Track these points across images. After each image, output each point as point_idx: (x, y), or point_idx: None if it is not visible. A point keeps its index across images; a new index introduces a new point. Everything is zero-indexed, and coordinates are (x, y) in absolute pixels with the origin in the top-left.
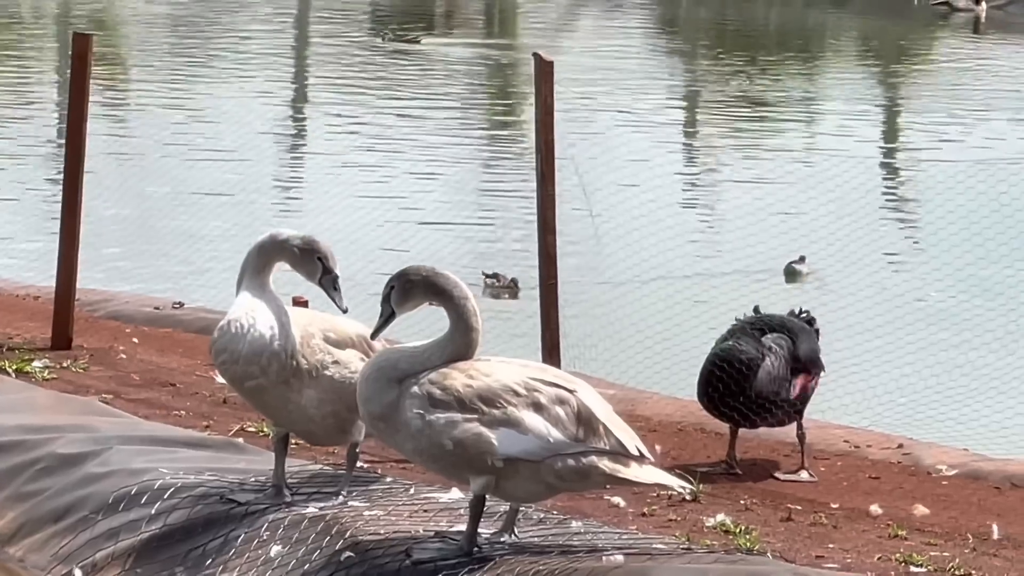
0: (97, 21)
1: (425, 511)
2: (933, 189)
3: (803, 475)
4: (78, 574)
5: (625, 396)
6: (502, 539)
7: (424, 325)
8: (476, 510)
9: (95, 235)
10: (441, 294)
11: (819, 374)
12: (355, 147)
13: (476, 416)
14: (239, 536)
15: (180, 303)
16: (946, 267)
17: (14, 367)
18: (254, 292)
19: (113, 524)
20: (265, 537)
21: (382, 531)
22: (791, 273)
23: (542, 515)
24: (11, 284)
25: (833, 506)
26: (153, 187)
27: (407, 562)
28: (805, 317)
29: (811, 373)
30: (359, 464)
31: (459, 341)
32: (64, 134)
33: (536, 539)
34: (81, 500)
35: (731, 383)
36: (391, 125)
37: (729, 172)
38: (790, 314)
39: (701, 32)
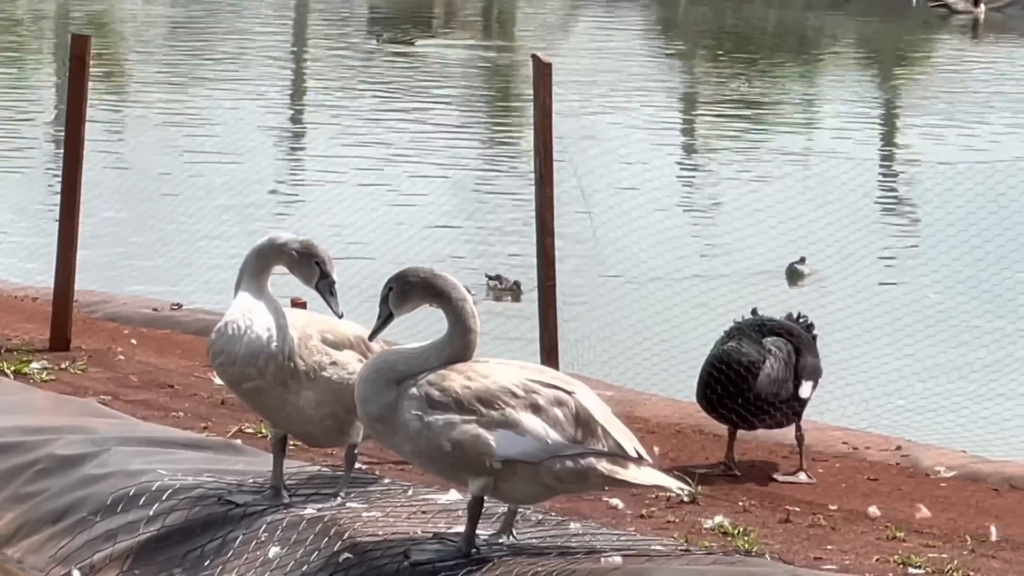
0: (96, 23)
1: (423, 512)
2: (932, 191)
3: (801, 477)
4: (76, 575)
5: (623, 398)
6: (500, 540)
7: (423, 327)
8: (474, 511)
9: (94, 236)
10: (439, 296)
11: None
12: (353, 149)
13: (474, 417)
14: (237, 537)
15: (178, 304)
16: (944, 269)
17: (12, 368)
18: (252, 294)
19: (111, 525)
20: (263, 538)
21: (380, 532)
22: (793, 274)
23: (540, 516)
24: (9, 285)
25: (831, 508)
26: (151, 188)
27: (405, 563)
28: (804, 323)
29: (817, 381)
30: (357, 465)
31: (457, 343)
32: (62, 135)
33: (534, 540)
34: (79, 501)
35: (729, 385)
36: (389, 127)
37: (727, 173)
38: (788, 318)
39: (700, 33)
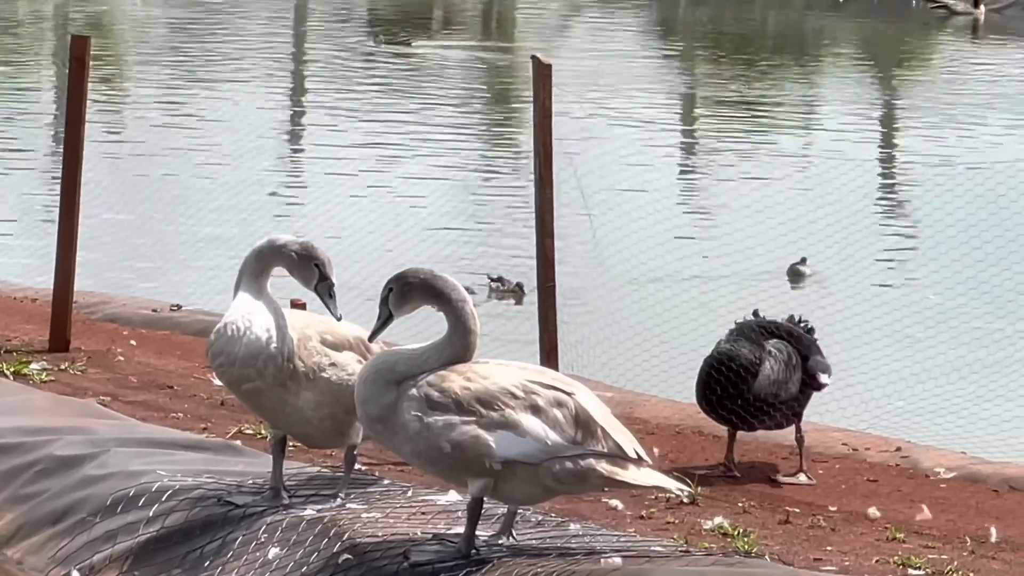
0: (95, 24)
1: (423, 513)
2: (931, 192)
3: (801, 478)
4: None
5: (623, 399)
6: (500, 541)
7: (422, 328)
8: (474, 512)
9: (93, 237)
10: (439, 297)
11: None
12: (352, 151)
13: (474, 418)
14: (237, 538)
15: (178, 305)
16: (944, 270)
17: (12, 369)
18: (251, 295)
19: (111, 526)
20: (263, 539)
21: (380, 533)
22: (795, 274)
23: (540, 517)
24: (9, 286)
25: (831, 509)
26: (151, 189)
27: (405, 564)
28: (805, 326)
29: (830, 372)
30: (357, 466)
31: (457, 344)
32: (62, 136)
33: (534, 541)
34: (79, 502)
35: (729, 386)
36: (389, 128)
37: (727, 175)
38: (789, 321)
39: (699, 35)
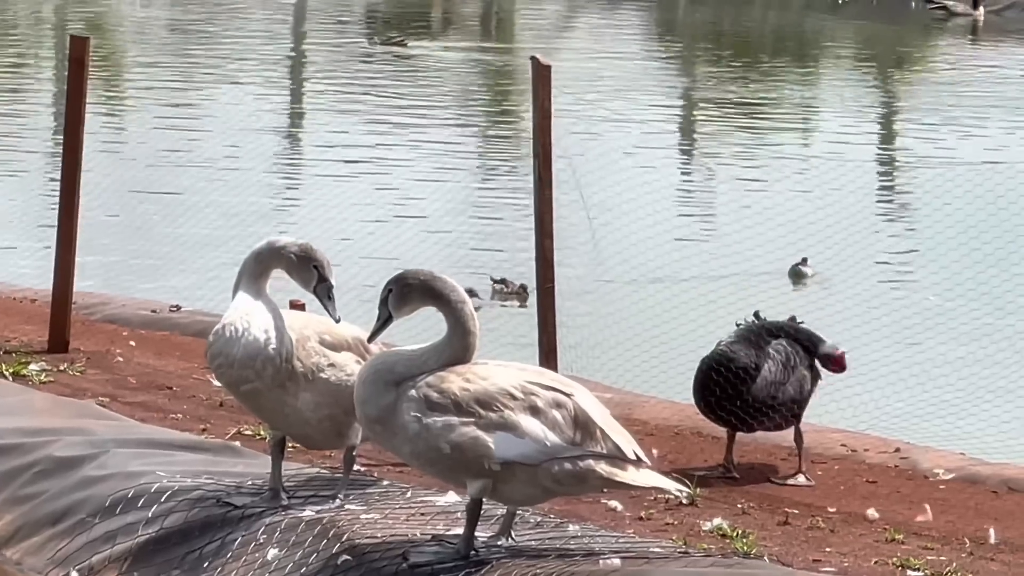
0: (94, 25)
1: (422, 514)
2: (931, 193)
3: (800, 479)
4: None
5: (622, 400)
6: (499, 543)
7: (421, 329)
8: (473, 513)
9: (92, 238)
10: (439, 298)
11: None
12: (352, 152)
13: (473, 420)
14: (236, 539)
15: (177, 306)
16: (944, 271)
17: (11, 370)
18: (250, 296)
19: (110, 527)
20: (262, 540)
21: (379, 534)
22: (797, 275)
23: (539, 519)
24: (8, 287)
25: (830, 510)
26: (150, 190)
27: (404, 565)
28: (805, 331)
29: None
30: (356, 467)
31: (456, 345)
32: (61, 137)
33: (533, 543)
34: (78, 503)
35: (728, 387)
36: (388, 130)
37: (726, 176)
38: (790, 321)
39: (698, 36)
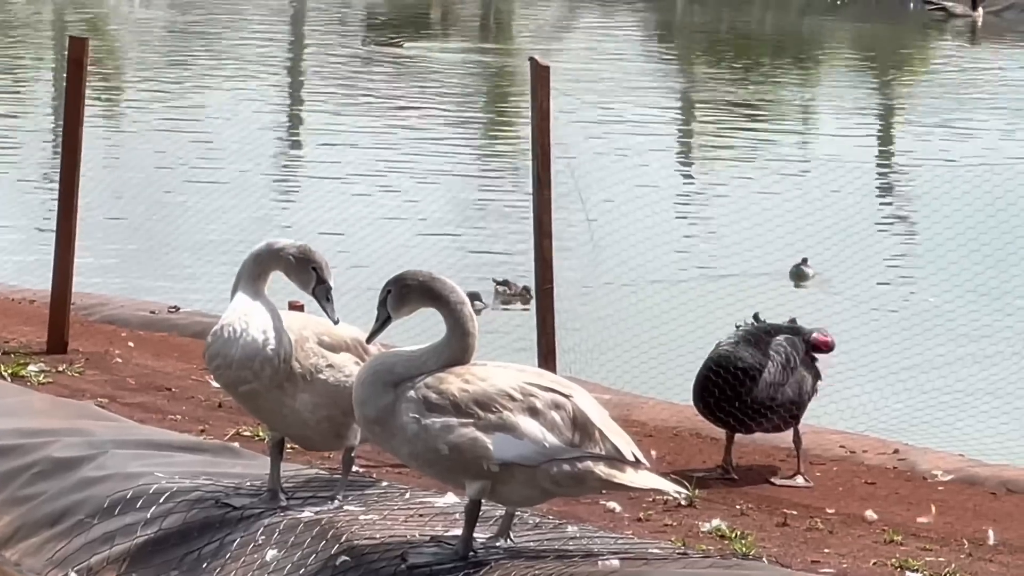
0: (93, 26)
1: (421, 515)
2: (930, 194)
3: (799, 480)
4: None
5: (621, 401)
6: (498, 544)
7: (420, 330)
8: (472, 514)
9: (91, 239)
10: (437, 299)
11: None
12: (351, 153)
13: (472, 421)
14: (235, 540)
15: (176, 307)
16: (942, 272)
17: (10, 371)
18: (248, 297)
19: (109, 528)
20: (261, 541)
21: (378, 535)
22: (798, 275)
23: (538, 520)
24: (7, 288)
25: (829, 511)
26: (149, 191)
27: (403, 566)
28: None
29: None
30: (355, 468)
31: (455, 346)
32: (60, 138)
33: (532, 544)
34: (77, 504)
35: (727, 388)
36: (387, 131)
37: (725, 177)
38: (791, 321)
39: (697, 37)
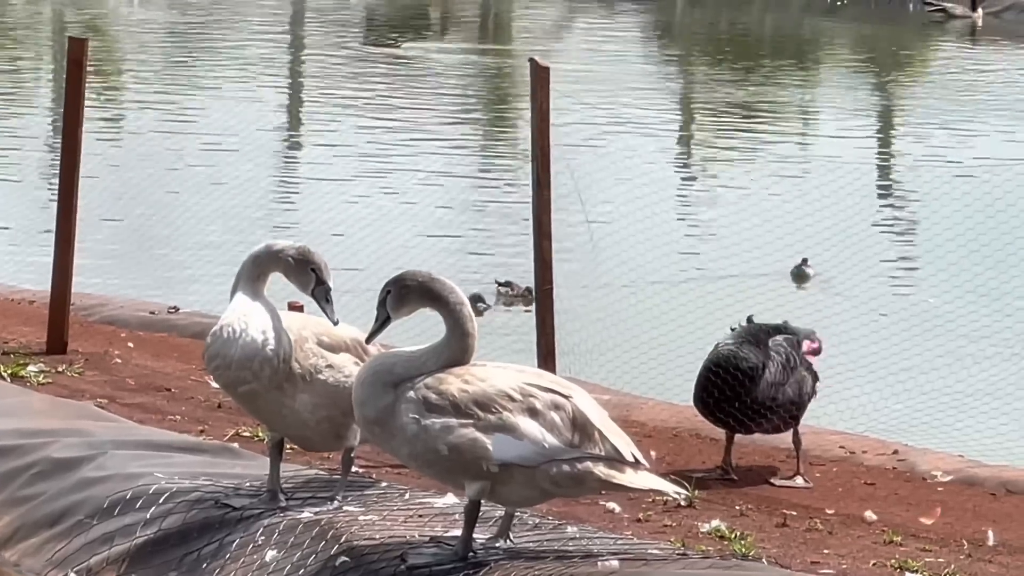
0: (92, 26)
1: (420, 516)
2: (930, 195)
3: (798, 481)
4: None
5: (620, 402)
6: (497, 544)
7: (420, 330)
8: (471, 515)
9: (90, 239)
10: (437, 299)
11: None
12: (350, 154)
13: (471, 421)
14: (234, 541)
15: (175, 308)
16: (942, 273)
17: (9, 371)
18: (248, 298)
19: (108, 528)
20: (260, 542)
21: (377, 536)
22: (800, 276)
23: (537, 520)
24: (6, 288)
25: (828, 512)
26: (148, 191)
27: (402, 567)
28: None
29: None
30: (354, 469)
31: (455, 346)
32: (60, 138)
33: (531, 544)
34: (76, 504)
35: (726, 388)
36: (386, 132)
37: (725, 178)
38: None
39: (696, 38)
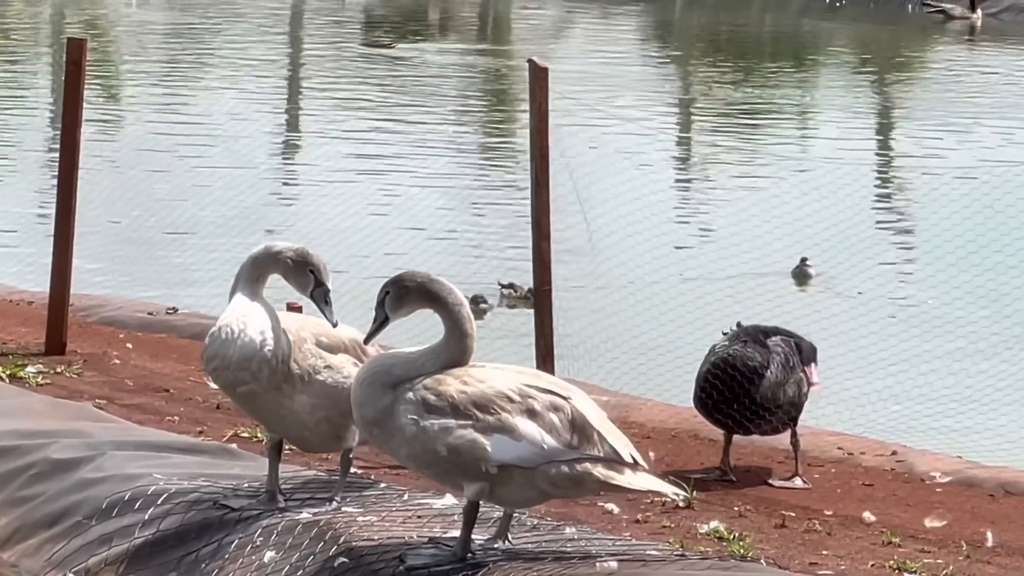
0: (91, 27)
1: (419, 517)
2: (929, 196)
3: (797, 482)
4: None
5: (619, 403)
6: (496, 545)
7: (419, 331)
8: (470, 516)
9: (89, 240)
10: (436, 300)
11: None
12: (349, 155)
13: (470, 422)
14: (233, 542)
15: (174, 308)
16: (940, 274)
17: (8, 372)
18: (246, 298)
19: (107, 529)
20: (259, 543)
21: (376, 537)
22: (802, 275)
23: (536, 521)
24: (5, 289)
25: (827, 513)
26: (147, 192)
27: (401, 568)
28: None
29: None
30: (353, 470)
31: (454, 347)
32: (58, 139)
33: (530, 545)
34: (75, 505)
35: (726, 390)
36: (385, 133)
37: (723, 178)
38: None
39: (695, 38)
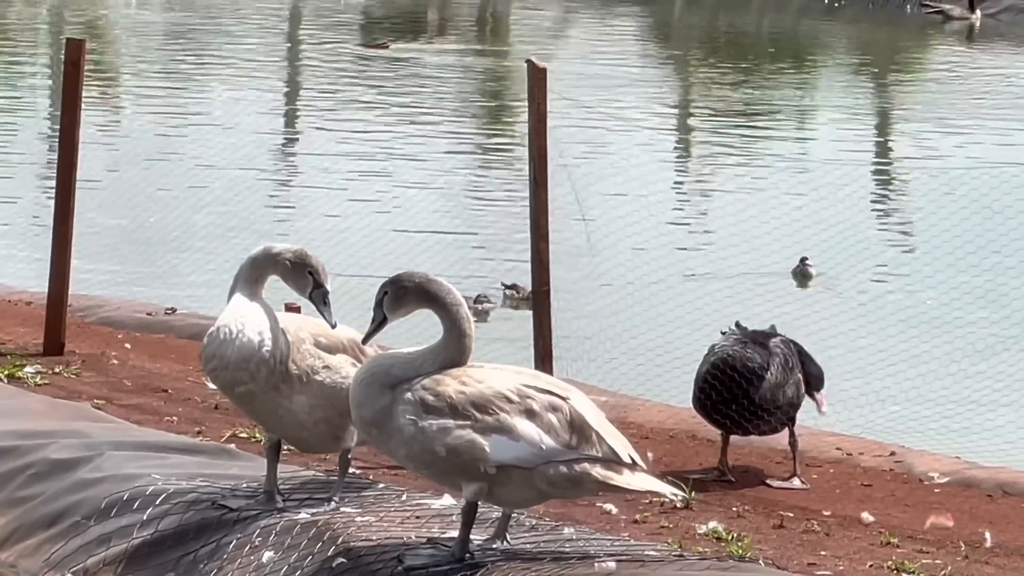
0: (90, 27)
1: (417, 517)
2: (927, 196)
3: (795, 482)
4: None
5: (617, 403)
6: (494, 545)
7: (419, 331)
8: (468, 516)
9: (87, 241)
10: (434, 301)
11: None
12: (347, 155)
13: (469, 423)
14: (231, 542)
15: (172, 309)
16: (939, 274)
17: (6, 373)
18: (245, 299)
19: (105, 530)
20: (257, 543)
21: (374, 537)
22: (803, 275)
23: (534, 522)
24: (3, 289)
25: (825, 513)
26: (146, 193)
27: (399, 568)
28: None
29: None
30: (351, 470)
31: (452, 348)
32: (57, 140)
33: (528, 546)
34: (73, 506)
35: (724, 390)
36: (384, 134)
37: (723, 178)
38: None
39: (694, 39)
